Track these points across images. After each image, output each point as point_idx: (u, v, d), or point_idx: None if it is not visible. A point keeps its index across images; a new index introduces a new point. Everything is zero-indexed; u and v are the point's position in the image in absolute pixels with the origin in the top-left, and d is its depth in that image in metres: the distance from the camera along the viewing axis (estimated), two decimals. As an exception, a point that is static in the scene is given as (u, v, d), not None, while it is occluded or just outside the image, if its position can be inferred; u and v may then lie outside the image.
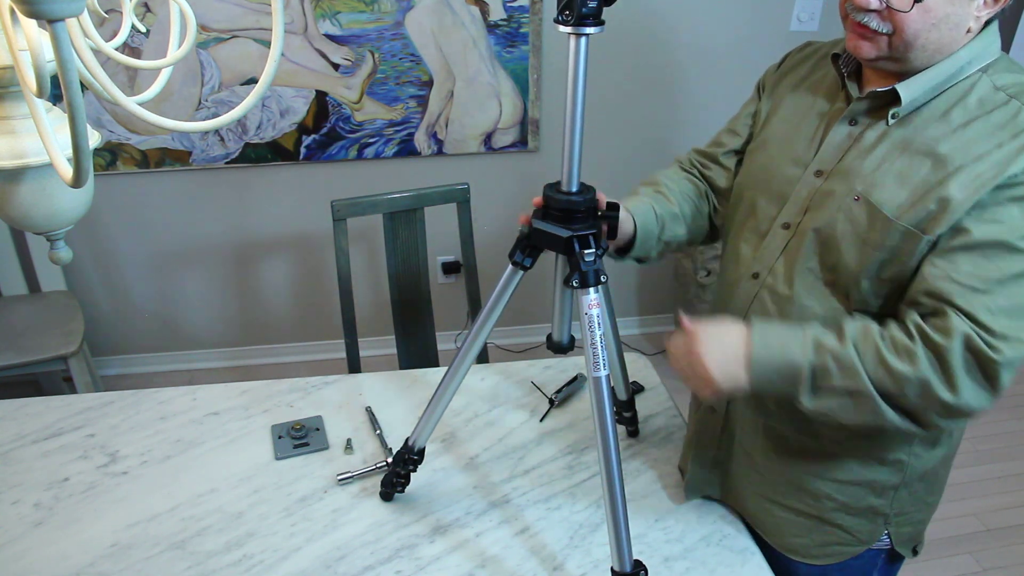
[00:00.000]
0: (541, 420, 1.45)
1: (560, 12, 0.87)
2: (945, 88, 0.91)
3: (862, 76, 1.00)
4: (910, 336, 0.88)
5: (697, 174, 1.25)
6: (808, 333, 0.93)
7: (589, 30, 0.87)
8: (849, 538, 1.11)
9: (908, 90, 0.91)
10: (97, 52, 0.63)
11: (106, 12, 2.16)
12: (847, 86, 0.99)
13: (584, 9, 0.85)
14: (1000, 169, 0.85)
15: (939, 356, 0.86)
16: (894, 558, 1.17)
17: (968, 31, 0.88)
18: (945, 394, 0.86)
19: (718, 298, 1.17)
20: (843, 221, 0.95)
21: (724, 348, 0.94)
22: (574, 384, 1.52)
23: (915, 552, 1.16)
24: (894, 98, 0.92)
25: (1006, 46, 2.92)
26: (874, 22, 0.89)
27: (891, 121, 0.94)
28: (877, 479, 1.06)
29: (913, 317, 0.90)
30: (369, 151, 2.56)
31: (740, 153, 1.19)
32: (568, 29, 0.87)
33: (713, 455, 1.21)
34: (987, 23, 0.90)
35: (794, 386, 0.92)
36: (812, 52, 1.12)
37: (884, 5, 0.87)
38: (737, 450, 1.18)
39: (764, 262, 1.05)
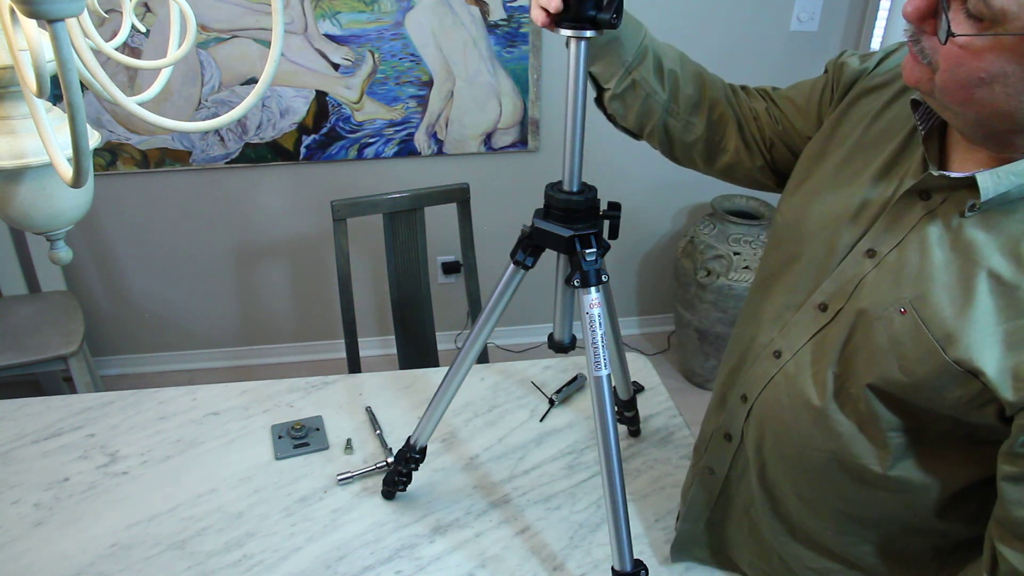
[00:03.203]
0: (541, 420, 1.45)
1: (579, 19, 0.87)
2: None
3: (947, 135, 0.77)
4: None
5: (729, 97, 1.06)
6: None
7: (589, 33, 0.87)
8: None
9: (994, 180, 0.67)
10: (97, 52, 0.63)
11: (106, 12, 2.15)
12: (925, 148, 0.76)
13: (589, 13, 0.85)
14: None
15: None
16: None
17: None
18: None
19: (731, 347, 1.01)
20: (882, 334, 0.76)
21: None
22: (574, 384, 1.52)
23: None
24: (973, 183, 0.69)
25: None
26: (919, 45, 0.68)
27: (968, 215, 0.71)
28: None
29: None
30: (369, 151, 2.56)
31: (783, 135, 1.00)
32: (569, 32, 0.87)
33: (707, 517, 1.10)
34: None
35: None
36: (894, 79, 0.87)
37: (925, 27, 0.67)
38: (738, 515, 1.06)
39: (790, 342, 0.88)
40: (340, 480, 1.29)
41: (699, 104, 1.05)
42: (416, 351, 1.94)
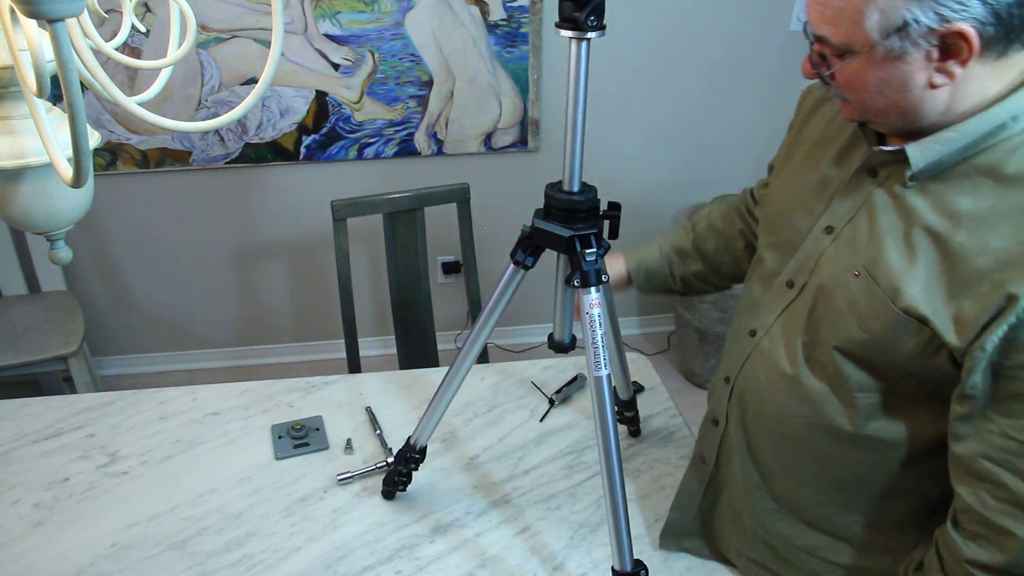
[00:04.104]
0: (541, 420, 1.45)
1: (563, 20, 0.87)
2: (979, 151, 0.76)
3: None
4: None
5: (745, 209, 1.20)
6: None
7: (590, 34, 0.88)
8: None
9: (921, 150, 0.77)
10: (97, 52, 0.63)
11: (106, 12, 2.16)
12: (863, 132, 0.87)
13: (589, 22, 0.86)
14: (1018, 287, 0.71)
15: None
16: None
17: (932, 86, 0.74)
18: None
19: (726, 343, 1.09)
20: (841, 299, 0.84)
21: None
22: (574, 384, 1.52)
23: None
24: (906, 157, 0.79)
25: None
26: (831, 90, 0.82)
27: (910, 184, 0.80)
28: (875, 567, 0.98)
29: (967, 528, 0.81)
30: (369, 151, 2.56)
31: None
32: (570, 34, 0.88)
33: (697, 504, 1.13)
34: None
35: None
36: None
37: (818, 75, 0.80)
38: (724, 505, 1.11)
39: (763, 320, 0.97)
40: (340, 480, 1.29)
41: (722, 262, 1.23)
42: (416, 351, 1.94)
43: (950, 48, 0.71)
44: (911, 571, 0.90)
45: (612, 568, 1.07)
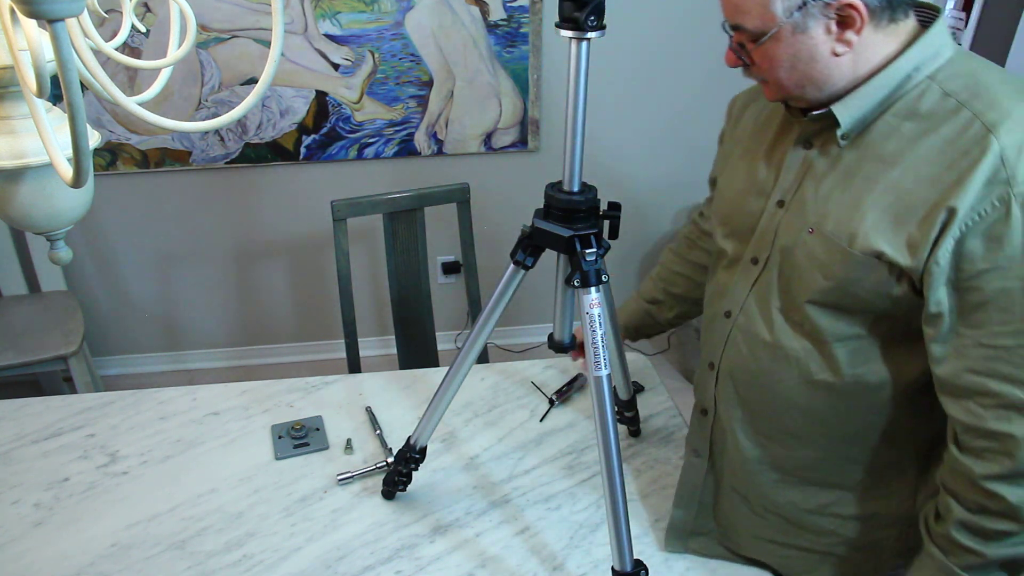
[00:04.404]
0: (541, 420, 1.45)
1: (563, 20, 0.88)
2: (894, 100, 0.86)
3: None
4: (991, 480, 0.84)
5: (696, 235, 1.32)
6: (950, 571, 0.89)
7: (591, 35, 0.88)
8: (858, 568, 1.06)
9: (845, 109, 0.87)
10: (97, 52, 0.63)
11: (106, 12, 2.15)
12: (788, 111, 0.97)
13: (589, 22, 0.86)
14: (958, 200, 0.79)
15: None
16: None
17: (835, 54, 0.84)
18: None
19: (702, 334, 1.14)
20: (801, 256, 0.92)
21: None
22: (574, 384, 1.52)
23: None
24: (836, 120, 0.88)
25: (1005, 46, 2.92)
26: (751, 75, 0.92)
27: (842, 144, 0.89)
28: (880, 511, 1.02)
29: (966, 443, 0.86)
30: (369, 151, 2.56)
31: None
32: (570, 34, 0.88)
33: (699, 499, 1.16)
34: (927, 24, 0.86)
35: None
36: None
37: (741, 62, 0.90)
38: (727, 493, 1.13)
39: (735, 300, 1.03)
40: (340, 480, 1.29)
41: (697, 295, 1.28)
42: (416, 351, 1.94)
43: (845, 20, 0.82)
44: (932, 521, 0.93)
45: (612, 568, 1.07)
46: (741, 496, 1.11)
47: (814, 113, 0.90)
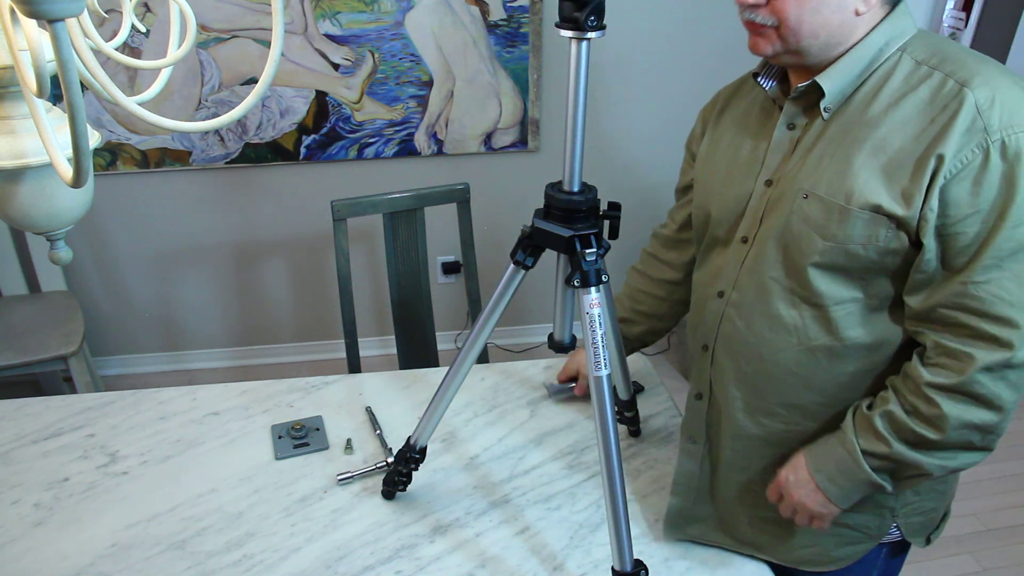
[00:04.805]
0: (551, 395, 1.45)
1: (563, 20, 0.88)
2: (869, 73, 0.92)
3: (789, 85, 1.01)
4: (933, 388, 0.90)
5: (661, 245, 1.34)
6: (851, 446, 0.96)
7: (590, 34, 0.88)
8: (860, 536, 1.09)
9: (829, 80, 0.92)
10: (97, 52, 0.63)
11: (106, 12, 2.16)
12: (772, 95, 1.01)
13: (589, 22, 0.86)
14: (944, 147, 0.84)
15: (966, 393, 0.89)
16: (897, 551, 1.15)
17: (857, 13, 0.89)
18: (989, 416, 0.90)
19: (690, 321, 1.17)
20: (798, 222, 0.95)
21: (807, 491, 1.01)
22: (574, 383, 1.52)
23: (928, 541, 1.13)
24: (821, 93, 0.93)
25: (1005, 46, 2.92)
26: (759, 16, 0.91)
27: (825, 116, 0.94)
28: None
29: (929, 359, 0.92)
30: (369, 151, 2.56)
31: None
32: (570, 34, 0.88)
33: (696, 486, 1.17)
34: (894, 3, 0.91)
35: (877, 491, 0.99)
36: (743, 82, 1.14)
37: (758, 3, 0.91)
38: (724, 477, 1.14)
39: (727, 279, 1.05)
40: (340, 480, 1.29)
41: (660, 309, 1.37)
42: (416, 351, 1.94)
43: None
44: (862, 407, 0.98)
45: (612, 568, 1.07)
46: (740, 476, 1.13)
47: (799, 86, 0.95)
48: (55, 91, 1.61)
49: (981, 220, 0.85)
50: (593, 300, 0.98)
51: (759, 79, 1.03)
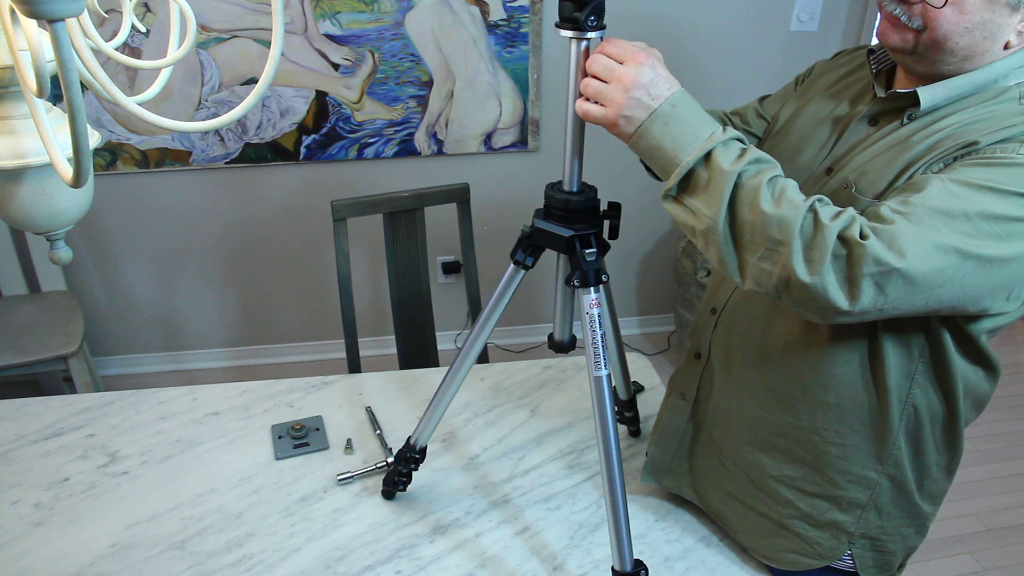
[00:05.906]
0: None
1: (563, 20, 0.88)
2: (969, 96, 0.87)
3: (894, 81, 0.97)
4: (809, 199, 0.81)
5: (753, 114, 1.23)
6: (721, 136, 0.84)
7: (590, 34, 0.88)
8: (809, 549, 1.08)
9: (930, 94, 0.88)
10: (97, 52, 0.63)
11: (106, 12, 2.16)
12: (875, 84, 0.97)
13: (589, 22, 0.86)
14: (984, 138, 0.81)
15: (817, 228, 0.78)
16: None
17: (1007, 46, 0.84)
18: (800, 265, 0.77)
19: (710, 284, 1.18)
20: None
21: (656, 78, 0.84)
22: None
23: None
24: (915, 101, 0.89)
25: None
26: (904, 15, 0.85)
27: (906, 122, 0.91)
28: (843, 495, 1.03)
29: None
30: (369, 151, 2.56)
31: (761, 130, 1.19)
32: (569, 34, 0.88)
33: (678, 442, 1.19)
34: None
35: (666, 172, 0.89)
36: (859, 55, 1.08)
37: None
38: (704, 440, 1.16)
39: None
40: (340, 480, 1.29)
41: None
42: (416, 351, 1.94)
43: None
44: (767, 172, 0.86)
45: (612, 568, 1.07)
46: (715, 446, 1.14)
47: (898, 91, 0.91)
48: (55, 91, 1.61)
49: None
50: (593, 300, 0.98)
51: (873, 59, 0.98)
